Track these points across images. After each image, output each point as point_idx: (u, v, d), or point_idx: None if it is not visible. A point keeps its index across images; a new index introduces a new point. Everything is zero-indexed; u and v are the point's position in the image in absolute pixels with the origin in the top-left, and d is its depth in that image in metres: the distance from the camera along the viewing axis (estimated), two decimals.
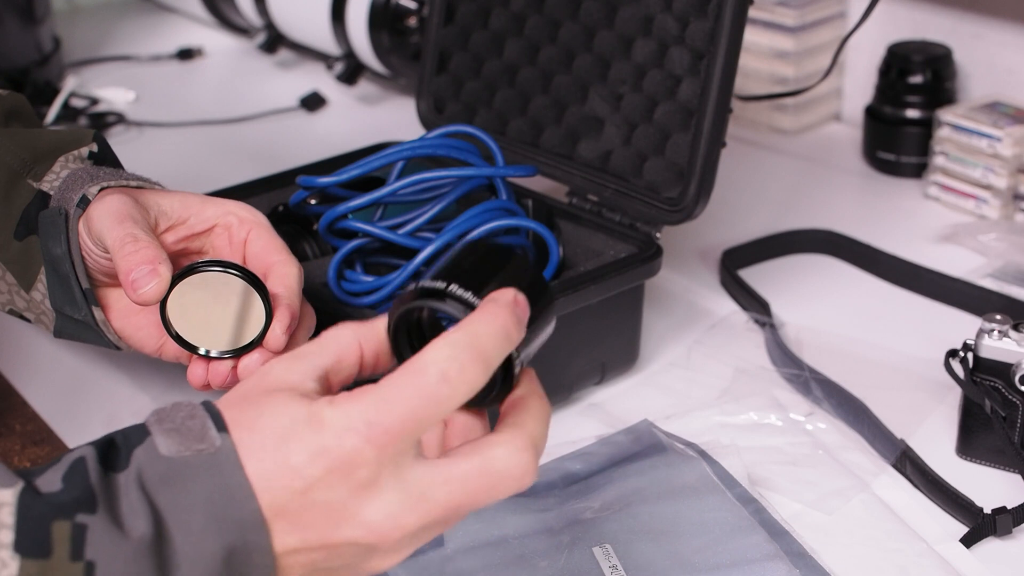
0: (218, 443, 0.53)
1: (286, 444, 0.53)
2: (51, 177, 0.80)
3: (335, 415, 0.53)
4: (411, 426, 0.53)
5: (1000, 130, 1.18)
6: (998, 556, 0.80)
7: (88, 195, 0.77)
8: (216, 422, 0.53)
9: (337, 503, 0.53)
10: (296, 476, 0.52)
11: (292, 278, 0.77)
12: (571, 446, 0.88)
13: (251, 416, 0.54)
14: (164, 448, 0.53)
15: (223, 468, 0.52)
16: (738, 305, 1.09)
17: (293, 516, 0.53)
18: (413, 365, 0.53)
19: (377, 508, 0.53)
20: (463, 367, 0.52)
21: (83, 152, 0.82)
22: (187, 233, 0.78)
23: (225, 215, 0.79)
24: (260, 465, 0.52)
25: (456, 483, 0.54)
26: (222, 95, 1.56)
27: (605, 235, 0.97)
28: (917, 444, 0.88)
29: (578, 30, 1.04)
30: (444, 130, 0.96)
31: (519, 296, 0.55)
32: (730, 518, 0.79)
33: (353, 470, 0.52)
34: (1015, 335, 0.84)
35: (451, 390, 0.53)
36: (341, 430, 0.52)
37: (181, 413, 0.54)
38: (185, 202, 0.79)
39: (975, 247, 1.16)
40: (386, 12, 1.41)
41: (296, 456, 0.52)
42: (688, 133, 0.96)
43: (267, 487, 0.52)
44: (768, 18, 1.38)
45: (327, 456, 0.52)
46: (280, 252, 0.78)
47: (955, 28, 1.30)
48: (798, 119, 1.41)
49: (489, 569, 0.76)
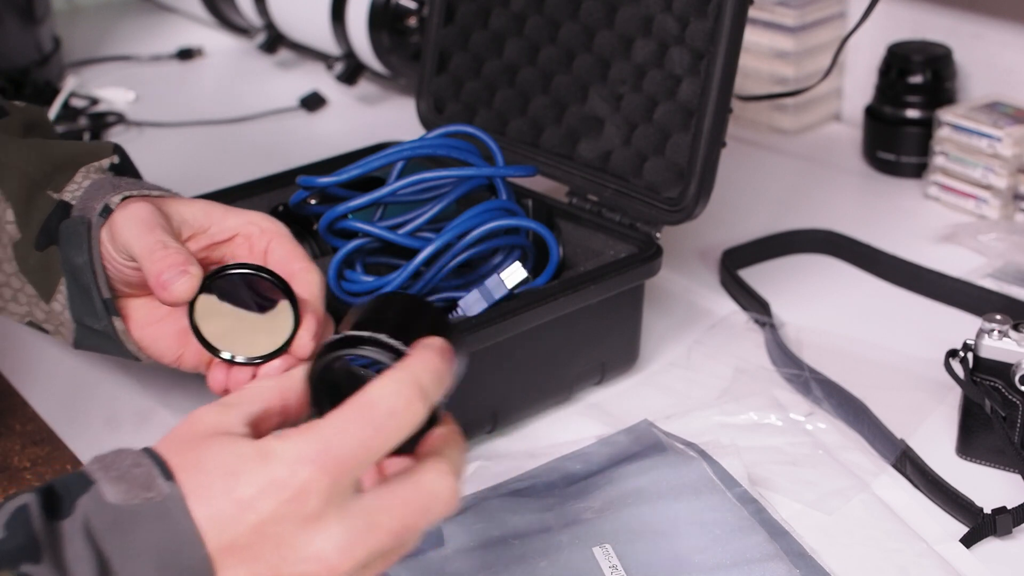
0: (166, 491, 0.53)
1: (235, 478, 0.53)
2: (72, 187, 0.80)
3: (285, 447, 0.54)
4: (362, 456, 0.54)
5: (1000, 130, 1.18)
6: (998, 556, 0.80)
7: (111, 204, 0.77)
8: (162, 470, 0.54)
9: (288, 535, 0.53)
10: (247, 509, 0.53)
11: (316, 285, 0.77)
12: (571, 446, 0.88)
13: (194, 458, 0.55)
14: (111, 496, 0.53)
15: (171, 515, 0.53)
16: (738, 305, 1.09)
17: (243, 550, 0.53)
18: (360, 400, 0.55)
19: (326, 539, 0.54)
20: (409, 402, 0.55)
21: (104, 164, 0.82)
22: (208, 242, 0.78)
23: (246, 225, 0.79)
24: (208, 504, 0.53)
25: (397, 508, 0.55)
26: (222, 95, 1.56)
27: (605, 235, 0.97)
28: (917, 444, 0.87)
29: (578, 30, 1.04)
30: (444, 130, 0.96)
31: (446, 345, 0.59)
32: (730, 518, 0.79)
33: (305, 501, 0.53)
34: (1015, 335, 0.84)
35: (397, 423, 0.55)
36: (292, 461, 0.53)
37: (126, 461, 0.55)
38: (207, 211, 0.79)
39: (975, 247, 1.16)
40: (386, 12, 1.41)
41: (246, 489, 0.53)
42: (688, 133, 0.96)
43: (216, 525, 0.53)
44: (768, 18, 1.38)
45: (279, 488, 0.53)
46: (302, 260, 0.78)
47: (955, 28, 1.30)
48: (798, 119, 1.41)
49: (489, 569, 0.76)
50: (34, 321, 0.84)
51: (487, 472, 0.86)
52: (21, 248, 0.80)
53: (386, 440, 0.55)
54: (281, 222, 0.80)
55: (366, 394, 0.55)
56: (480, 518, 0.80)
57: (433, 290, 0.91)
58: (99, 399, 0.97)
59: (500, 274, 0.88)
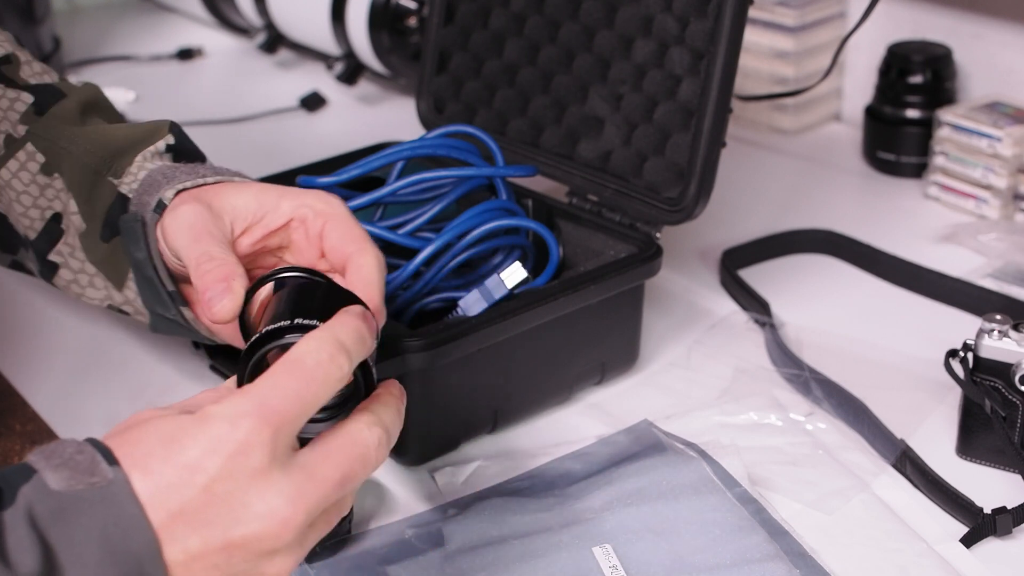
0: (109, 475, 0.53)
1: (176, 443, 0.54)
2: (129, 179, 0.79)
3: (222, 408, 0.55)
4: (298, 407, 0.56)
5: (1000, 130, 1.18)
6: (998, 556, 0.80)
7: (164, 199, 0.75)
8: (105, 456, 0.54)
9: (238, 492, 0.54)
10: (193, 471, 0.54)
11: (371, 269, 0.72)
12: (571, 446, 0.88)
13: (132, 437, 0.55)
14: (54, 483, 0.53)
15: (116, 499, 0.53)
16: (738, 305, 1.09)
17: (192, 515, 0.54)
18: (287, 358, 0.57)
19: (276, 493, 0.55)
20: (332, 355, 0.58)
21: (160, 146, 0.81)
22: (264, 232, 0.76)
23: (300, 208, 0.75)
24: (153, 475, 0.54)
25: (334, 457, 0.58)
26: (222, 95, 1.56)
27: (605, 235, 0.97)
28: (917, 444, 0.87)
29: (578, 30, 1.04)
30: (444, 130, 0.96)
31: (364, 310, 0.62)
32: (730, 518, 0.79)
33: (249, 455, 0.54)
34: (1015, 335, 0.84)
35: (325, 373, 0.57)
36: (233, 417, 0.55)
37: (69, 448, 0.55)
38: (260, 198, 0.76)
39: (975, 247, 1.16)
40: (386, 12, 1.41)
41: (189, 452, 0.54)
42: (688, 133, 0.96)
43: (163, 493, 0.53)
44: (768, 18, 1.38)
45: (222, 444, 0.54)
46: (357, 241, 0.73)
47: (955, 28, 1.30)
48: (798, 119, 1.41)
49: (489, 569, 0.76)
50: (113, 305, 0.83)
51: (487, 472, 0.86)
52: (88, 239, 0.80)
53: (317, 391, 0.57)
54: (338, 199, 0.76)
55: (291, 353, 0.58)
56: (480, 518, 0.80)
57: (433, 290, 0.91)
58: (99, 399, 0.97)
59: (500, 274, 0.88)
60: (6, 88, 0.83)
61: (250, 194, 0.76)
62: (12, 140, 0.81)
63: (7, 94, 0.83)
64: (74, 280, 0.82)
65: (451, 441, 0.89)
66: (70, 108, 0.83)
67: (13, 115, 0.82)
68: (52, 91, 0.84)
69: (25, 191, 0.81)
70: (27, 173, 0.81)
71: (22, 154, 0.81)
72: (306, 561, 0.78)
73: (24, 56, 0.85)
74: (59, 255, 0.82)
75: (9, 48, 0.85)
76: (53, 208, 0.81)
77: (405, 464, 0.88)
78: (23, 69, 0.84)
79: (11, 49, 0.85)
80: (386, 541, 0.80)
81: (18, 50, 0.85)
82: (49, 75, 0.86)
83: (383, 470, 0.88)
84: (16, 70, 0.84)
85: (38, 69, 0.85)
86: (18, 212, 0.82)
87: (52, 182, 0.80)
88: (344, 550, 0.79)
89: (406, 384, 0.84)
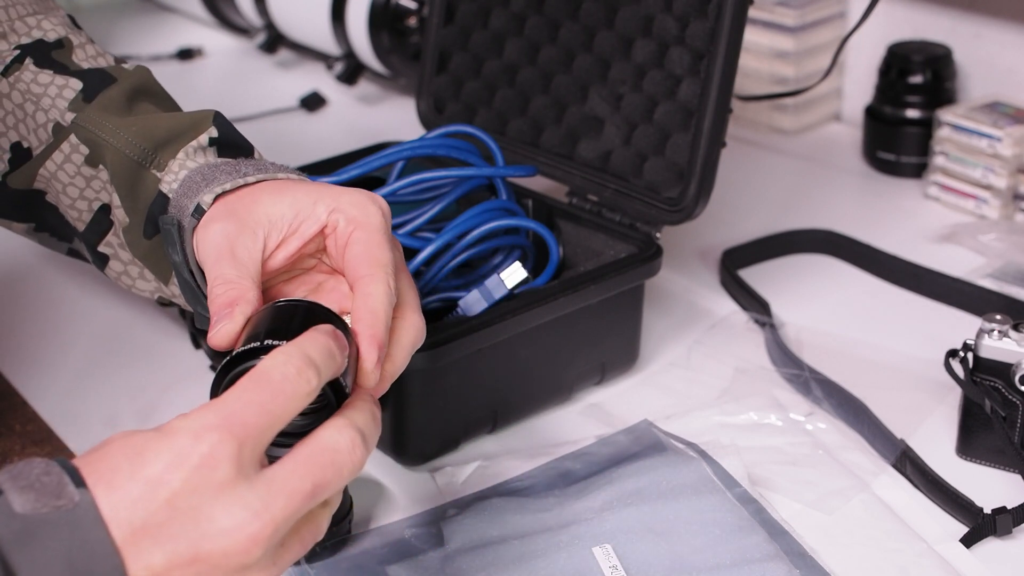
0: (76, 498, 0.52)
1: (140, 457, 0.53)
2: (170, 177, 0.76)
3: (186, 422, 0.54)
4: (263, 421, 0.55)
5: (1000, 130, 1.18)
6: (998, 556, 0.80)
7: (202, 204, 0.72)
8: (73, 477, 0.53)
9: (204, 507, 0.53)
10: (157, 486, 0.53)
11: (377, 299, 0.66)
12: (571, 446, 0.88)
13: (101, 453, 0.55)
14: (19, 506, 0.52)
15: (82, 524, 0.52)
16: (738, 305, 1.09)
17: (158, 530, 0.53)
18: (253, 373, 0.56)
19: (242, 508, 0.54)
20: (299, 369, 0.57)
21: (203, 140, 0.77)
22: (299, 244, 0.71)
23: (334, 213, 0.70)
24: (117, 490, 0.53)
25: (302, 467, 0.56)
26: (222, 95, 1.56)
27: (605, 235, 0.97)
28: (917, 444, 0.88)
29: (578, 30, 1.04)
30: (444, 130, 0.96)
31: (334, 328, 0.61)
32: (730, 518, 0.79)
33: (215, 467, 0.53)
34: (1015, 335, 0.84)
35: (293, 388, 0.56)
36: (197, 430, 0.54)
37: (36, 470, 0.54)
38: (296, 205, 0.71)
39: (975, 247, 1.16)
40: (386, 12, 1.41)
41: (152, 466, 0.53)
42: (688, 133, 0.96)
43: (127, 508, 0.53)
44: (768, 18, 1.38)
45: (185, 457, 0.53)
46: (372, 266, 0.68)
47: (955, 28, 1.30)
48: (798, 119, 1.41)
49: (489, 569, 0.76)
50: (163, 297, 0.81)
51: (487, 472, 0.86)
52: (131, 234, 0.78)
53: (284, 404, 0.56)
54: (378, 207, 0.71)
55: (258, 367, 0.57)
56: (480, 518, 0.80)
57: (433, 290, 0.91)
58: (99, 399, 0.97)
59: (500, 274, 0.88)
60: (55, 75, 0.80)
61: (286, 202, 0.71)
62: (60, 128, 0.80)
63: (56, 81, 0.80)
64: (124, 272, 0.81)
65: (451, 441, 0.89)
66: (117, 95, 0.80)
67: (62, 102, 0.79)
68: (102, 76, 0.81)
69: (71, 182, 0.80)
70: (72, 165, 0.79)
71: (66, 145, 0.79)
72: (306, 561, 0.78)
73: (78, 39, 0.83)
74: (108, 246, 0.81)
75: (63, 32, 0.82)
76: (100, 199, 0.79)
77: (405, 464, 0.88)
78: (76, 53, 0.82)
79: (64, 32, 0.83)
80: (386, 541, 0.80)
81: (72, 32, 0.83)
82: (104, 58, 0.83)
83: (383, 470, 0.88)
84: (68, 54, 0.82)
85: (92, 52, 0.83)
86: (66, 204, 0.81)
87: (98, 173, 0.79)
88: (344, 550, 0.79)
89: (406, 384, 0.84)
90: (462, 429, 0.89)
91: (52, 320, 1.07)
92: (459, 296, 0.90)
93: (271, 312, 0.65)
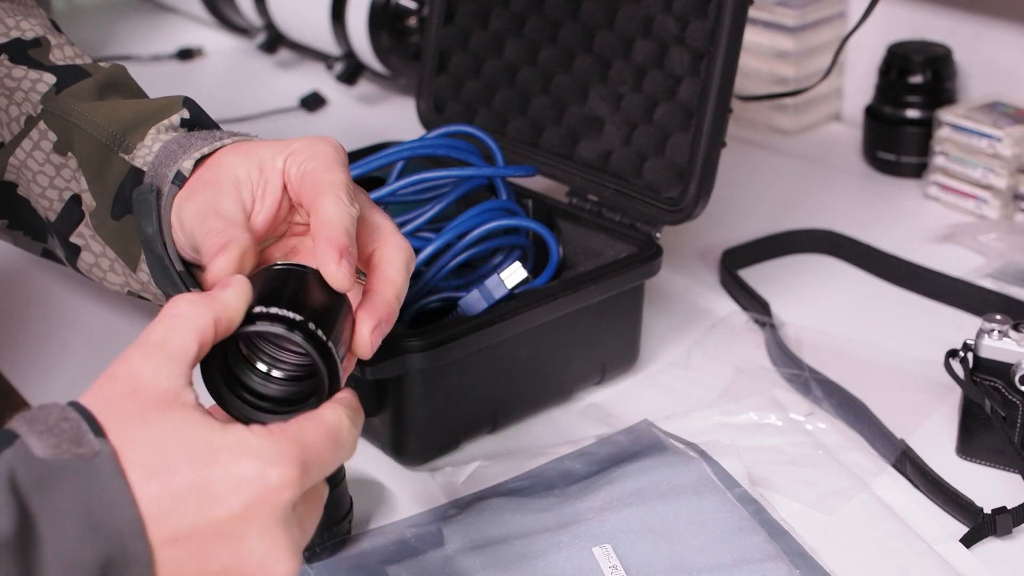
0: (96, 447, 0.52)
1: (207, 465, 0.53)
2: (143, 152, 0.75)
3: (261, 443, 0.55)
4: (320, 473, 0.57)
5: (1000, 130, 1.18)
6: (998, 556, 0.80)
7: (183, 170, 0.72)
8: (92, 426, 0.53)
9: (248, 537, 0.54)
10: (214, 503, 0.53)
11: (327, 212, 0.64)
12: (571, 446, 0.88)
13: (146, 436, 0.54)
14: (39, 449, 0.52)
15: (102, 474, 0.52)
16: (738, 305, 1.09)
17: (198, 546, 0.53)
18: (333, 422, 0.58)
19: (283, 550, 0.55)
20: (355, 439, 0.60)
21: (174, 120, 0.77)
22: (273, 201, 0.69)
23: (288, 159, 0.69)
24: (167, 488, 0.53)
25: (313, 517, 0.59)
26: (222, 95, 1.56)
27: (605, 235, 0.97)
28: (917, 444, 0.88)
29: (578, 30, 1.04)
30: (444, 130, 0.96)
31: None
32: (730, 518, 0.79)
33: (273, 505, 0.55)
34: (1015, 335, 0.84)
35: (345, 453, 0.59)
36: (273, 459, 0.54)
37: (53, 415, 0.53)
38: (260, 163, 0.70)
39: (975, 247, 1.16)
40: (386, 12, 1.41)
41: (218, 485, 0.53)
42: (688, 133, 0.96)
43: (174, 511, 0.53)
44: (768, 18, 1.38)
45: (251, 484, 0.54)
46: (321, 185, 0.66)
47: (955, 28, 1.30)
48: (798, 119, 1.41)
49: (489, 569, 0.76)
50: (132, 291, 0.81)
51: (487, 472, 0.86)
52: (98, 217, 0.78)
53: (334, 464, 0.58)
54: (325, 144, 0.69)
55: (337, 421, 0.58)
56: (480, 518, 0.80)
57: (433, 290, 0.91)
58: None
59: (500, 274, 0.88)
60: (29, 69, 0.81)
61: (249, 160, 0.71)
62: (30, 119, 0.80)
63: (29, 75, 0.80)
64: (95, 264, 0.80)
65: (451, 441, 0.89)
66: (88, 86, 0.81)
67: (35, 96, 0.80)
68: (76, 71, 0.81)
69: (40, 171, 0.80)
70: (40, 152, 0.79)
71: (35, 132, 0.79)
72: (306, 561, 0.78)
73: (57, 40, 0.83)
74: (80, 237, 0.80)
75: (41, 31, 0.83)
76: (71, 189, 0.79)
77: (405, 464, 0.88)
78: (53, 52, 0.82)
79: (43, 32, 0.83)
80: (386, 541, 0.80)
81: (51, 33, 0.83)
82: (81, 58, 0.84)
83: (383, 470, 0.88)
84: (46, 53, 0.82)
85: (70, 53, 0.83)
86: (36, 194, 0.81)
87: (67, 162, 0.79)
88: (344, 550, 0.79)
89: (406, 384, 0.84)
90: (462, 429, 0.89)
91: (52, 320, 1.07)
92: (459, 296, 0.90)
93: (275, 274, 0.63)
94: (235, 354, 0.61)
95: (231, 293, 0.59)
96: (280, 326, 0.58)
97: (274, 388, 0.61)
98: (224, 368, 0.60)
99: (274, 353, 0.62)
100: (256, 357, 0.62)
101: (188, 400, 0.55)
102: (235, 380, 0.61)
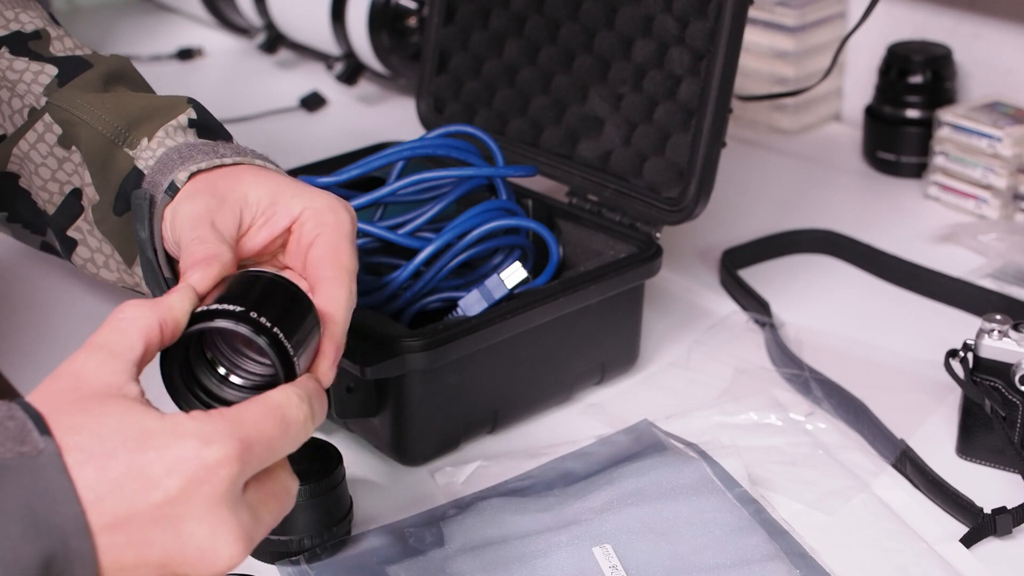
0: (41, 446, 0.52)
1: (142, 449, 0.53)
2: (147, 154, 0.75)
3: (196, 425, 0.55)
4: (266, 455, 0.56)
5: (1000, 130, 1.18)
6: (998, 556, 0.80)
7: (176, 181, 0.72)
8: (37, 423, 0.53)
9: (187, 520, 0.53)
10: (151, 487, 0.53)
11: (337, 303, 0.67)
12: (571, 446, 0.88)
13: (83, 422, 0.53)
14: None
15: (45, 472, 0.51)
16: (738, 305, 1.09)
17: (137, 530, 0.53)
18: (273, 403, 0.57)
19: (223, 533, 0.54)
20: (307, 416, 0.59)
21: (182, 120, 0.77)
22: (270, 234, 0.71)
23: (306, 211, 0.70)
24: (103, 472, 0.52)
25: (272, 500, 0.58)
26: (222, 95, 1.56)
27: (605, 235, 0.97)
28: (917, 444, 0.88)
29: (578, 30, 1.04)
30: (444, 130, 0.96)
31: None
32: (730, 518, 0.79)
33: (211, 484, 0.54)
34: (1015, 335, 0.84)
35: (296, 433, 0.58)
36: (208, 437, 0.54)
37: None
38: (274, 193, 0.71)
39: (975, 247, 1.16)
40: (386, 12, 1.41)
41: (154, 467, 0.53)
42: (688, 133, 0.96)
43: (112, 496, 0.52)
44: (768, 18, 1.38)
45: (186, 463, 0.53)
46: (337, 269, 0.68)
47: (955, 28, 1.30)
48: (798, 119, 1.41)
49: (489, 569, 0.76)
50: (126, 286, 0.81)
51: (487, 472, 0.86)
52: (100, 211, 0.78)
53: (284, 446, 0.57)
54: (347, 215, 0.71)
55: (277, 399, 0.58)
56: (480, 518, 0.80)
57: (433, 290, 0.91)
58: None
59: (500, 274, 0.88)
60: (31, 61, 0.81)
61: (264, 187, 0.71)
62: (34, 111, 0.80)
63: (31, 67, 0.81)
64: (91, 259, 0.81)
65: (451, 441, 0.89)
66: (92, 78, 0.80)
67: (37, 88, 0.80)
68: (77, 62, 0.81)
69: (43, 163, 0.80)
70: (44, 145, 0.79)
71: (40, 125, 0.79)
72: (306, 561, 0.78)
73: (56, 32, 0.83)
74: (78, 231, 0.80)
75: (40, 24, 0.83)
76: (72, 183, 0.79)
77: (405, 464, 0.88)
78: (53, 44, 0.82)
79: (42, 25, 0.83)
80: (386, 541, 0.80)
81: (51, 26, 0.83)
82: (81, 50, 0.84)
83: (383, 470, 0.88)
84: (46, 45, 0.82)
85: (70, 44, 0.83)
86: (37, 185, 0.81)
87: (70, 156, 0.79)
88: (344, 550, 0.79)
89: (406, 384, 0.84)
90: (462, 429, 0.89)
91: (52, 320, 1.07)
92: (459, 296, 0.90)
93: (244, 277, 0.64)
94: (198, 356, 0.62)
95: (176, 297, 0.60)
96: (228, 321, 0.59)
97: (231, 393, 0.62)
98: (185, 367, 0.61)
99: (233, 358, 0.62)
100: (218, 361, 0.62)
101: (130, 393, 0.56)
102: (194, 380, 0.62)
